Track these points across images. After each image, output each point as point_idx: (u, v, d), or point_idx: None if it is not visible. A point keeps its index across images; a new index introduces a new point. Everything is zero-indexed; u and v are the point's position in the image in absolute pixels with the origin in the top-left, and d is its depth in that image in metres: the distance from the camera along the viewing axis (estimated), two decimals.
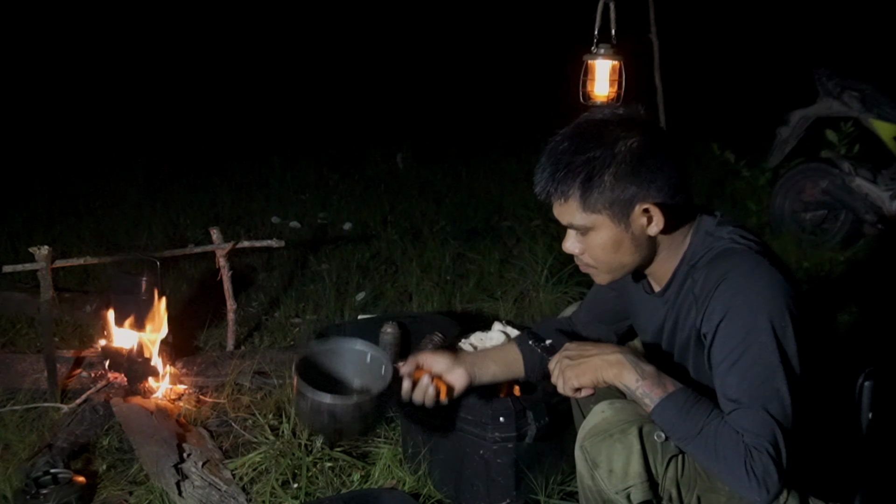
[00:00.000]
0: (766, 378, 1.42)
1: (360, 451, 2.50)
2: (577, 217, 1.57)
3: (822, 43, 7.63)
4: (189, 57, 9.49)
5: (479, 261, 4.32)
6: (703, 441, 1.44)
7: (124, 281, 2.98)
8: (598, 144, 1.52)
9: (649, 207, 1.53)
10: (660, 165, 1.52)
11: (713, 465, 1.44)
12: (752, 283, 1.47)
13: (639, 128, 1.53)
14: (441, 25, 10.38)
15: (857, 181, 4.20)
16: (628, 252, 1.58)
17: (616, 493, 1.58)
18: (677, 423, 1.47)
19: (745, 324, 1.45)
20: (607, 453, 1.58)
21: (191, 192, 5.94)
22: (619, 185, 1.51)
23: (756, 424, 1.40)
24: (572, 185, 1.53)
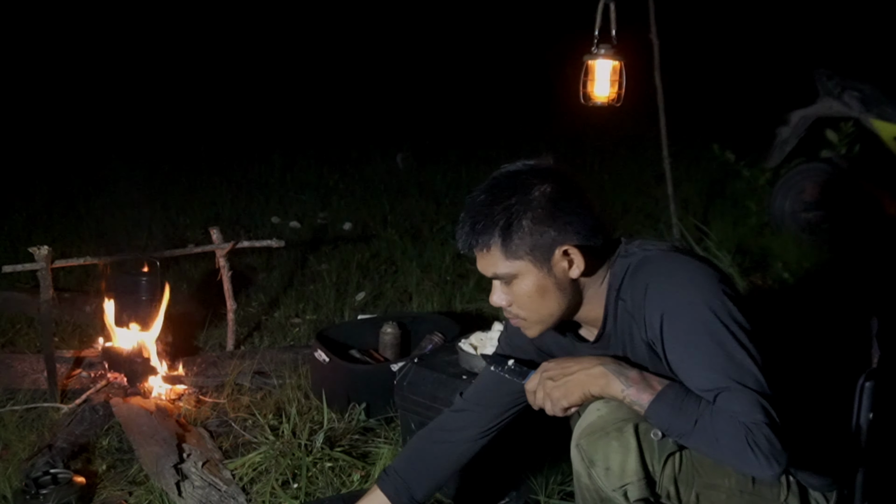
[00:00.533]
0: (728, 357, 1.44)
1: (360, 451, 2.50)
2: (500, 266, 1.57)
3: (822, 43, 7.63)
4: (189, 57, 9.49)
5: None
6: (701, 432, 1.44)
7: (124, 281, 2.99)
8: (514, 192, 1.56)
9: (569, 250, 1.54)
10: (574, 209, 1.55)
11: (717, 453, 1.45)
12: (675, 280, 1.50)
13: (551, 176, 1.57)
14: (441, 25, 10.38)
15: (857, 181, 4.20)
16: (554, 298, 1.58)
17: (613, 491, 1.59)
18: (672, 421, 1.47)
19: (686, 317, 1.47)
20: (604, 451, 1.59)
21: (191, 192, 5.94)
22: (537, 230, 1.54)
23: (741, 403, 1.41)
24: (493, 233, 1.55)
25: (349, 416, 2.63)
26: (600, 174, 6.20)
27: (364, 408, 2.64)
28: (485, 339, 2.39)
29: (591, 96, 3.44)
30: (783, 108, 4.60)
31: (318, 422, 2.60)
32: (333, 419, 2.60)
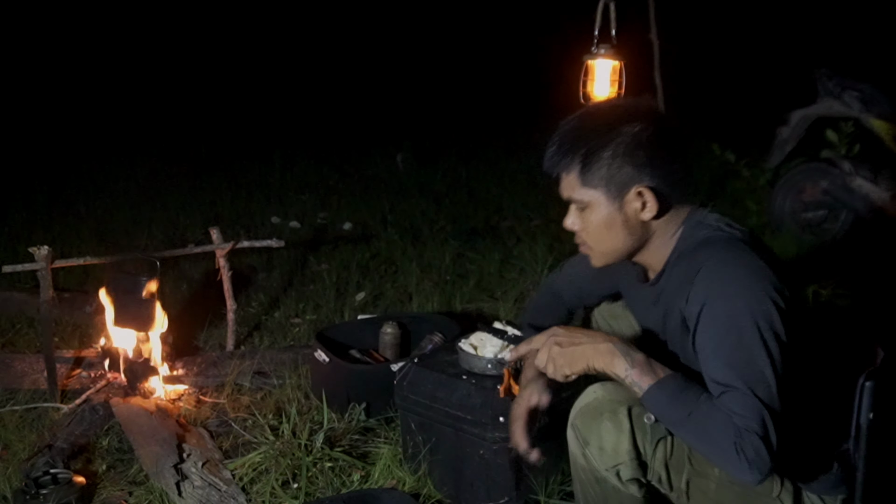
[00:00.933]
0: (749, 361, 1.45)
1: (360, 451, 2.50)
2: (576, 191, 1.62)
3: (822, 43, 7.63)
4: (189, 57, 9.49)
5: (479, 261, 4.32)
6: (693, 425, 1.46)
7: (124, 281, 2.99)
8: (604, 125, 1.59)
9: (643, 191, 1.57)
10: (659, 154, 1.57)
11: (704, 447, 1.47)
12: (730, 270, 1.51)
13: (646, 117, 1.59)
14: (441, 26, 10.38)
15: (857, 181, 4.20)
16: (620, 234, 1.62)
17: (606, 471, 1.63)
18: (667, 409, 1.49)
19: (725, 310, 1.48)
20: (598, 431, 1.62)
21: (191, 192, 5.94)
22: (616, 164, 1.57)
23: (744, 407, 1.43)
24: (574, 158, 1.59)
25: (349, 416, 2.63)
26: None
27: (364, 408, 2.64)
28: (485, 339, 2.38)
29: (591, 96, 3.44)
30: (783, 108, 4.60)
31: (318, 422, 2.60)
32: (333, 419, 2.60)
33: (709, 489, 1.64)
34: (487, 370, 2.28)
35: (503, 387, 2.17)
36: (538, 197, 5.67)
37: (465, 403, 2.22)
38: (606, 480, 1.65)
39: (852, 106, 4.23)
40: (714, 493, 1.64)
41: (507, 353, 2.31)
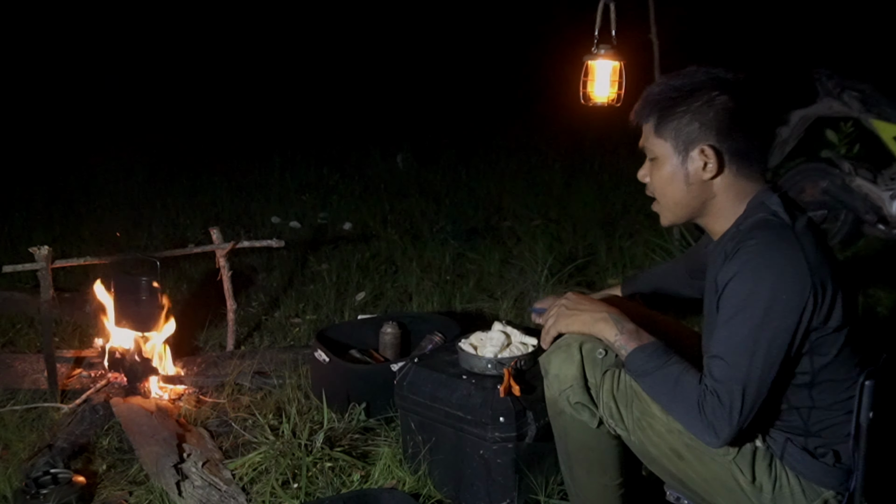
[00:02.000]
0: (749, 342, 1.53)
1: (360, 451, 2.50)
2: (648, 140, 1.73)
3: (822, 43, 7.63)
4: (189, 57, 9.49)
5: (479, 261, 4.32)
6: (663, 376, 1.63)
7: (125, 281, 2.99)
8: (688, 84, 1.68)
9: (706, 149, 1.65)
10: (729, 121, 1.65)
11: (668, 399, 1.63)
12: (768, 254, 1.55)
13: (726, 85, 1.67)
14: (441, 26, 10.38)
15: (857, 181, 4.20)
16: (680, 189, 1.70)
17: (559, 395, 1.82)
18: (645, 365, 1.66)
19: (748, 288, 1.54)
20: (554, 361, 1.83)
21: (191, 192, 5.94)
22: (686, 120, 1.66)
23: (722, 374, 1.54)
24: (654, 109, 1.70)
25: (349, 416, 2.63)
26: (600, 174, 6.20)
27: (364, 408, 2.64)
28: (485, 339, 2.39)
29: (590, 96, 3.43)
30: (783, 108, 4.60)
31: (318, 422, 2.60)
32: (333, 419, 2.60)
33: (660, 432, 1.71)
34: (487, 370, 2.28)
35: (503, 387, 2.18)
36: (538, 197, 5.67)
37: (465, 403, 2.22)
38: (564, 412, 1.83)
39: (852, 106, 4.23)
40: (665, 436, 1.70)
41: (507, 353, 2.32)
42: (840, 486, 1.64)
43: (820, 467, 1.64)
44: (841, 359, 1.61)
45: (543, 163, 6.64)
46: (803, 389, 1.62)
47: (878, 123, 4.17)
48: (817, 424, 1.65)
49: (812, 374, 1.61)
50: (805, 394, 1.63)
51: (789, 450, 1.65)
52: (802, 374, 1.61)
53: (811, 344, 1.58)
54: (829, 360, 1.60)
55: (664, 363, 1.64)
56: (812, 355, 1.59)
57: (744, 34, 9.22)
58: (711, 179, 1.67)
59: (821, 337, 1.57)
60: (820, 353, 1.59)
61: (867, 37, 7.85)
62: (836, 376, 1.62)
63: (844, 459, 1.65)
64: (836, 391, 1.63)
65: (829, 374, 1.61)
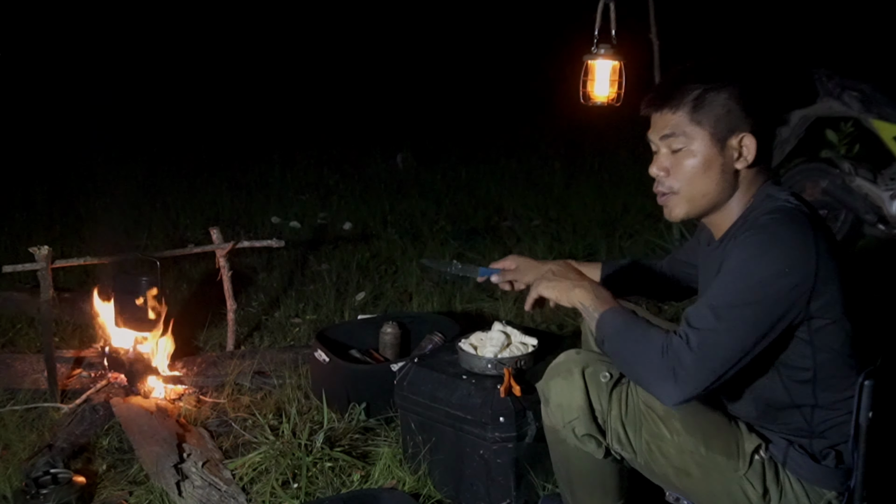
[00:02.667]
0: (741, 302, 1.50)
1: (360, 451, 2.50)
2: (681, 126, 1.62)
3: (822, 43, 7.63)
4: (189, 57, 9.49)
5: (479, 261, 4.32)
6: (628, 332, 1.59)
7: (125, 281, 2.99)
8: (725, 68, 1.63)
9: (746, 138, 1.60)
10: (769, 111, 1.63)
11: (632, 352, 1.57)
12: (780, 230, 1.53)
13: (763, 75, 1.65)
14: (441, 26, 10.38)
15: (857, 181, 4.19)
16: (714, 178, 1.63)
17: (563, 427, 1.73)
18: (615, 323, 1.62)
19: (752, 253, 1.51)
20: (555, 389, 1.74)
21: (191, 192, 5.94)
22: (727, 106, 1.60)
23: (704, 323, 1.50)
24: (691, 91, 1.61)
25: (349, 416, 2.63)
26: (600, 174, 6.20)
27: (364, 408, 2.64)
28: (485, 339, 2.39)
29: (590, 96, 3.44)
30: (783, 108, 4.60)
31: (318, 422, 2.60)
32: (333, 419, 2.60)
33: (670, 454, 1.68)
34: (487, 370, 2.28)
35: (504, 387, 2.18)
36: (538, 197, 5.67)
37: (465, 403, 2.22)
38: (566, 441, 1.75)
39: (852, 106, 4.23)
40: (676, 458, 1.68)
41: (507, 353, 2.32)
42: (842, 487, 1.64)
43: (822, 470, 1.64)
44: (843, 355, 1.60)
45: (543, 163, 6.64)
46: (806, 386, 1.62)
47: (878, 123, 4.17)
48: (822, 425, 1.64)
49: (814, 370, 1.60)
50: (808, 391, 1.62)
51: (792, 455, 1.65)
52: (804, 369, 1.60)
53: (811, 333, 1.56)
54: (831, 355, 1.59)
55: (631, 320, 1.61)
56: (812, 347, 1.58)
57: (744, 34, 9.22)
58: (744, 169, 1.64)
59: (821, 327, 1.56)
60: (821, 346, 1.58)
61: (867, 37, 7.85)
62: (839, 373, 1.61)
63: (846, 460, 1.64)
64: (838, 389, 1.62)
65: (831, 370, 1.60)
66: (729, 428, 1.71)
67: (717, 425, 1.71)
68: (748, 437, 1.69)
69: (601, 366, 1.71)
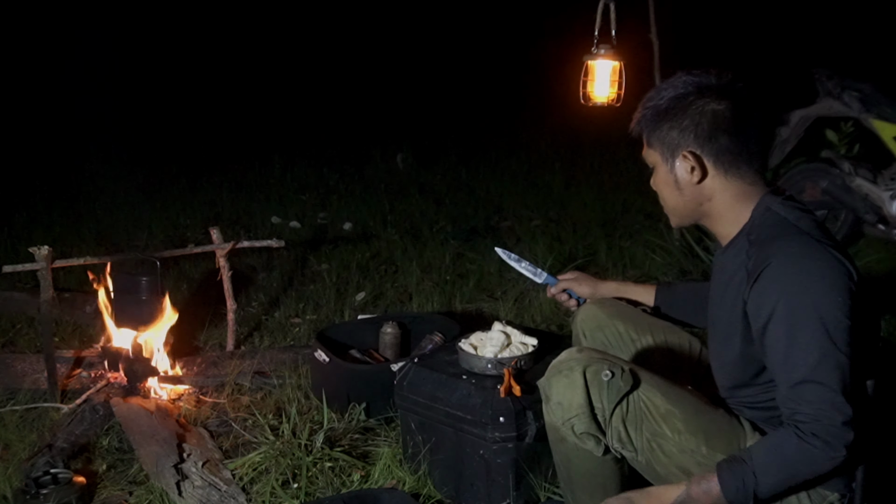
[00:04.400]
0: (819, 355, 1.49)
1: (360, 451, 2.50)
2: (644, 151, 1.78)
3: (822, 43, 7.63)
4: (189, 56, 9.48)
5: (479, 261, 4.32)
6: (765, 465, 1.51)
7: (125, 281, 2.99)
8: (672, 93, 1.70)
9: (687, 155, 1.67)
10: (710, 125, 1.65)
11: (792, 468, 1.52)
12: (799, 266, 1.54)
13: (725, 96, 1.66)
14: (441, 26, 10.38)
15: (857, 181, 4.20)
16: (674, 194, 1.74)
17: (563, 424, 1.75)
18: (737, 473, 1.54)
19: (793, 306, 1.52)
20: (556, 387, 1.75)
21: (191, 192, 5.94)
22: (667, 127, 1.69)
23: (816, 397, 1.48)
24: (642, 120, 1.74)
25: (349, 416, 2.63)
26: (600, 174, 6.20)
27: (364, 408, 2.64)
28: (485, 339, 2.39)
29: (590, 96, 3.43)
30: (783, 108, 4.60)
31: (318, 422, 2.60)
32: (333, 419, 2.60)
33: (671, 452, 1.69)
34: (487, 370, 2.28)
35: (504, 387, 2.18)
36: (538, 197, 5.67)
37: (465, 403, 2.22)
38: (566, 440, 1.77)
39: (852, 106, 4.23)
40: (677, 457, 1.69)
41: (507, 353, 2.32)
42: (844, 488, 1.64)
43: None
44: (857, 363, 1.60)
45: (543, 163, 6.64)
46: None
47: (878, 123, 4.17)
48: None
49: None
50: None
51: None
52: None
53: None
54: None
55: (749, 460, 1.54)
56: None
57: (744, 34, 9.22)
58: (700, 183, 1.69)
59: None
60: None
61: (867, 37, 7.85)
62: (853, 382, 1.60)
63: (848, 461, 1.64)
64: None
65: None
66: (731, 427, 1.71)
67: (718, 424, 1.71)
68: (751, 435, 1.69)
69: (602, 364, 1.71)
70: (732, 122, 1.66)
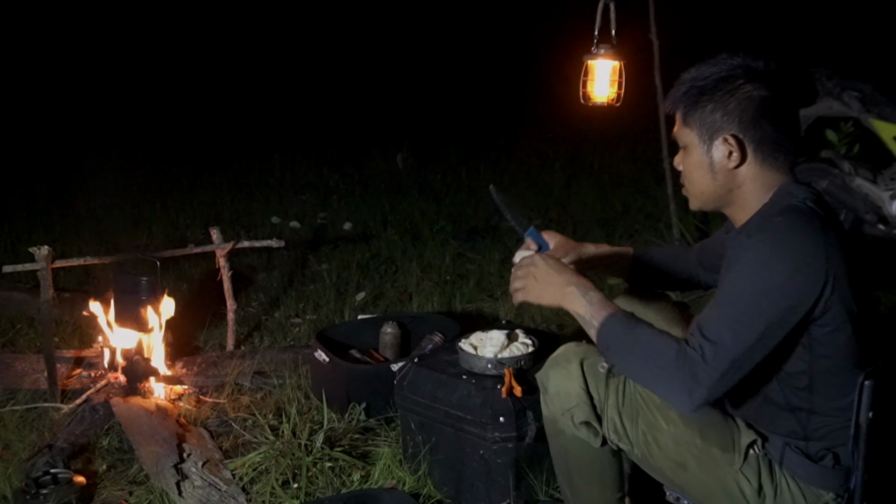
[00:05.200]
0: (753, 311, 1.51)
1: (360, 451, 2.50)
2: (679, 130, 1.73)
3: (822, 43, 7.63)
4: (189, 56, 9.49)
5: (479, 261, 4.32)
6: (634, 338, 1.59)
7: (125, 281, 2.99)
8: (714, 73, 1.67)
9: (729, 138, 1.64)
10: (753, 110, 1.63)
11: (642, 360, 1.58)
12: (792, 234, 1.54)
13: (753, 74, 1.65)
14: (441, 26, 10.38)
15: (857, 181, 4.19)
16: (706, 177, 1.69)
17: (562, 415, 1.78)
18: (619, 335, 1.61)
19: (762, 258, 1.52)
20: (554, 379, 1.79)
21: (191, 192, 5.94)
22: (709, 109, 1.65)
23: (716, 335, 1.50)
24: (682, 98, 1.70)
25: (349, 416, 2.63)
26: (600, 174, 6.20)
27: (364, 408, 2.64)
28: (485, 339, 2.39)
29: (590, 96, 3.43)
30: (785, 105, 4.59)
31: (318, 422, 2.61)
32: (333, 419, 2.60)
33: (666, 445, 1.69)
34: (487, 370, 2.28)
35: (505, 387, 2.18)
36: (538, 197, 5.67)
37: (465, 403, 2.22)
38: (564, 431, 1.79)
39: (852, 106, 4.23)
40: (672, 450, 1.69)
41: (507, 353, 2.32)
42: (840, 488, 1.64)
43: (819, 471, 1.64)
44: (841, 362, 1.60)
45: (543, 163, 6.64)
46: (802, 392, 1.62)
47: (878, 123, 4.17)
48: (817, 431, 1.64)
49: (810, 376, 1.60)
50: (804, 396, 1.62)
51: (788, 455, 1.65)
52: (801, 373, 1.60)
53: (810, 338, 1.56)
54: (828, 362, 1.58)
55: (634, 326, 1.61)
56: (811, 354, 1.58)
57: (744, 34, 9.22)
58: (736, 168, 1.66)
59: (823, 335, 1.56)
60: (820, 353, 1.57)
61: (867, 37, 7.85)
62: (836, 381, 1.60)
63: (844, 461, 1.64)
64: (835, 397, 1.61)
65: (828, 377, 1.60)
66: (725, 423, 1.72)
67: (713, 418, 1.72)
68: (745, 431, 1.69)
69: (599, 356, 1.74)
70: (777, 110, 1.65)
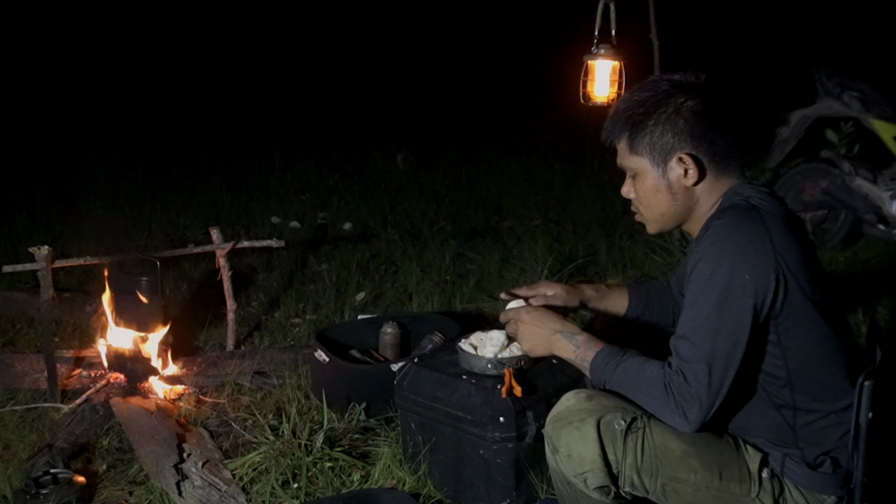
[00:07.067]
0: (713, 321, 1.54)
1: (360, 451, 2.50)
2: (626, 159, 1.74)
3: (822, 43, 7.63)
4: (189, 56, 9.49)
5: (479, 261, 4.32)
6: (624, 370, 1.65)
7: (124, 281, 2.99)
8: (652, 96, 1.68)
9: (684, 157, 1.66)
10: (701, 125, 1.65)
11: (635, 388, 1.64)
12: (731, 233, 1.57)
13: (691, 89, 1.67)
14: (441, 26, 10.38)
15: (857, 181, 4.20)
16: (665, 199, 1.71)
17: (574, 477, 1.68)
18: (608, 362, 1.68)
19: (710, 270, 1.55)
20: (566, 439, 1.67)
21: (191, 192, 5.94)
22: (658, 132, 1.67)
23: (689, 354, 1.56)
24: (623, 127, 1.70)
25: (349, 416, 2.63)
26: (600, 174, 6.20)
27: (364, 408, 2.64)
28: (485, 339, 2.38)
29: (590, 96, 3.44)
30: (783, 108, 4.60)
31: (318, 422, 2.61)
32: (333, 419, 2.60)
33: (685, 493, 1.66)
34: (487, 370, 2.28)
35: (505, 387, 2.17)
36: (538, 197, 5.68)
37: (465, 403, 2.22)
38: (574, 485, 1.70)
39: (852, 106, 4.23)
40: (691, 496, 1.66)
41: (507, 353, 2.31)
42: (841, 491, 1.64)
43: (820, 478, 1.64)
44: (816, 361, 1.60)
45: (543, 163, 6.64)
46: (784, 390, 1.63)
47: (878, 123, 4.18)
48: (806, 430, 1.64)
49: (787, 372, 1.61)
50: (787, 393, 1.63)
51: (788, 465, 1.65)
52: (778, 370, 1.61)
53: (777, 332, 1.58)
54: (801, 358, 1.59)
55: (622, 358, 1.67)
56: (782, 348, 1.59)
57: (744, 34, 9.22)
58: (694, 185, 1.68)
59: (789, 328, 1.57)
60: (790, 346, 1.59)
61: (867, 37, 7.85)
62: (818, 379, 1.61)
63: (843, 464, 1.64)
64: (821, 396, 1.62)
65: (807, 375, 1.61)
66: (735, 452, 1.69)
67: (726, 452, 1.68)
68: (753, 455, 1.68)
69: (616, 413, 1.63)
70: (723, 119, 1.66)
